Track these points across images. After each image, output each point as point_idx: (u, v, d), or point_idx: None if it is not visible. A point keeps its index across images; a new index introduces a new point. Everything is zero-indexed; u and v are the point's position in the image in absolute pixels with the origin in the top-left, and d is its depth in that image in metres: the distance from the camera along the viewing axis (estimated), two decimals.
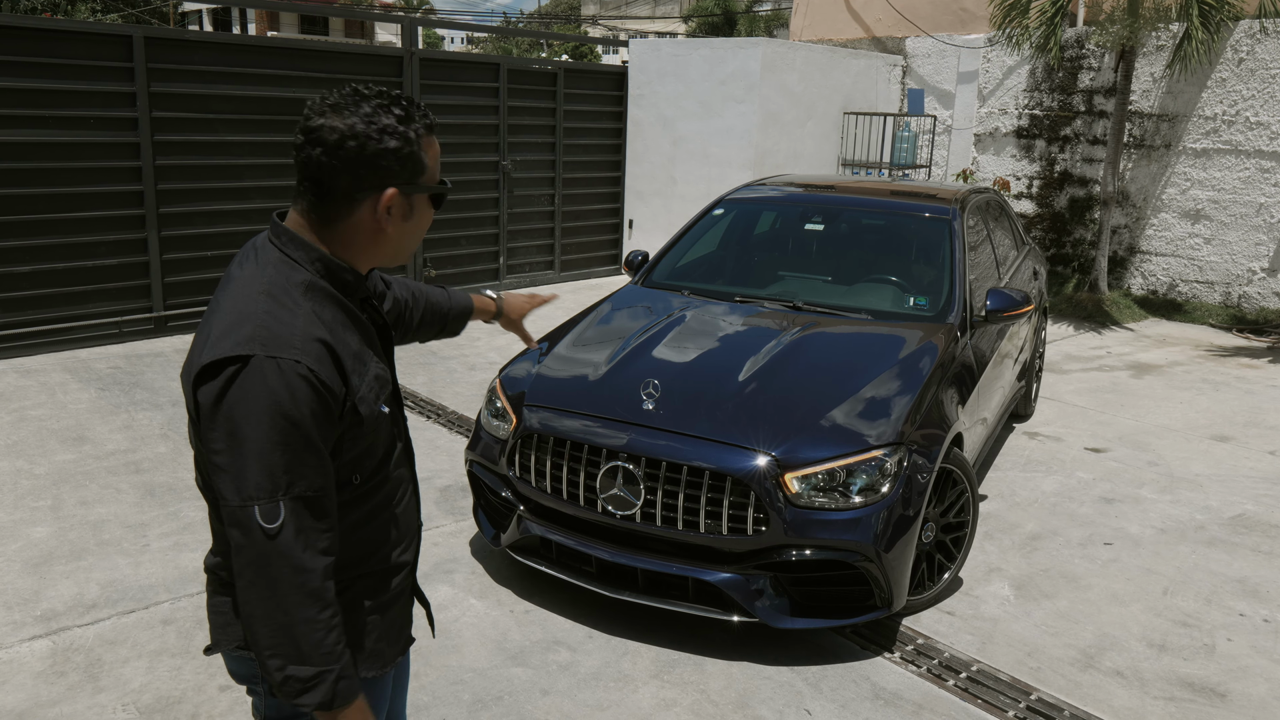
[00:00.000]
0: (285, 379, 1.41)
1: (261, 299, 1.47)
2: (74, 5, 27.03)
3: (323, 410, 1.44)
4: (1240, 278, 9.40)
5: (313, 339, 1.46)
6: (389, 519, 1.66)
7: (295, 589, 1.42)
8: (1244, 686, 3.39)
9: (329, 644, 1.44)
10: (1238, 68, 9.18)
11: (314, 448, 1.44)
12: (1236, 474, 5.41)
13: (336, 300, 1.55)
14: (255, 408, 1.40)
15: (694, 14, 31.79)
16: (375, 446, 1.60)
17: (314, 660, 1.43)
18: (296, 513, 1.42)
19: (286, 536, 1.41)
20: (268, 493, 1.40)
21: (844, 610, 3.44)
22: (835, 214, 5.36)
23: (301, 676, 1.43)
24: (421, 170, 1.54)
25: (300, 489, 1.43)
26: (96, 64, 6.80)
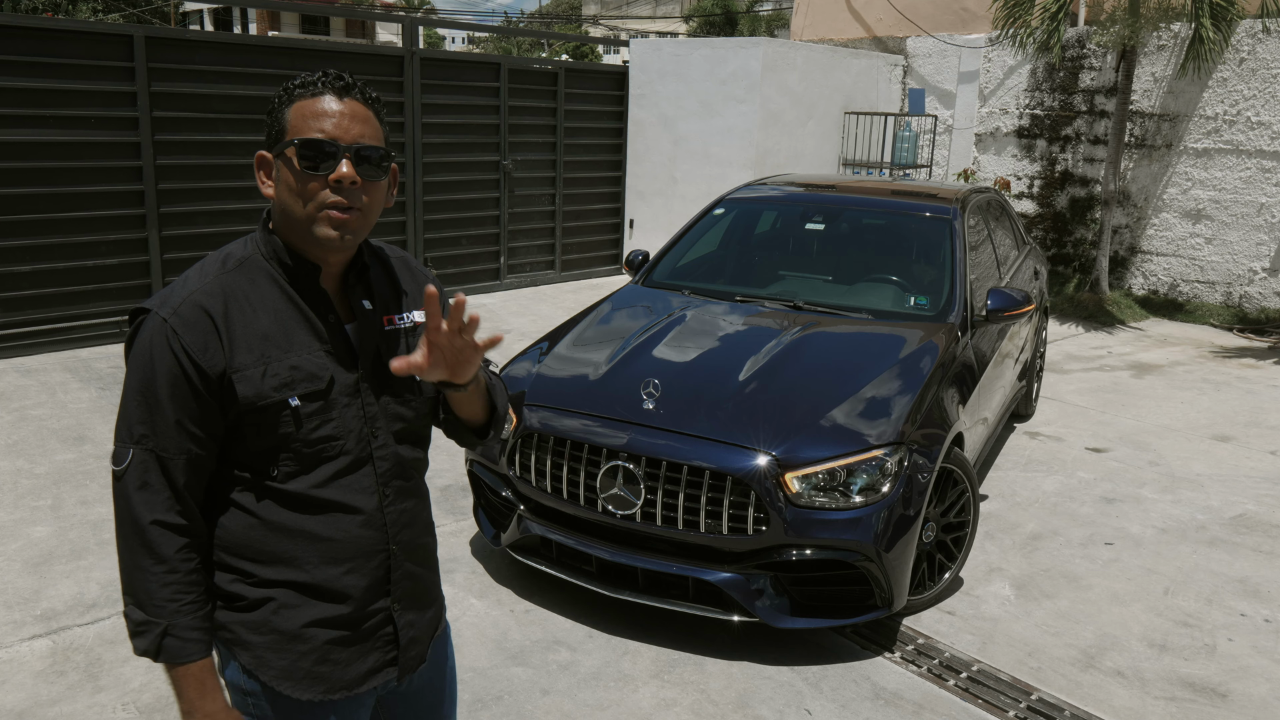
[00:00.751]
0: (151, 335, 1.49)
1: (194, 268, 1.57)
2: (75, 5, 27.04)
3: (178, 373, 1.47)
4: (1241, 278, 9.39)
5: (195, 305, 1.49)
6: (316, 533, 1.57)
7: (132, 534, 1.49)
8: (1245, 687, 3.38)
9: (161, 597, 1.48)
10: (1239, 67, 9.18)
11: (166, 408, 1.48)
12: (1237, 474, 5.40)
13: (275, 283, 1.56)
14: (135, 357, 1.50)
15: (695, 14, 31.79)
16: (294, 445, 1.53)
17: (145, 608, 1.49)
18: (143, 464, 1.48)
19: (129, 483, 1.48)
20: (121, 437, 1.50)
21: (844, 610, 3.43)
22: (836, 214, 5.35)
23: (134, 619, 1.50)
24: (282, 131, 1.53)
25: (149, 444, 1.48)
26: (97, 64, 6.80)
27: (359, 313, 1.62)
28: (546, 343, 4.31)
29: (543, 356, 4.15)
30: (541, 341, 4.36)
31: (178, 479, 1.49)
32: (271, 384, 1.51)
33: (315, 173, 1.49)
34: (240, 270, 1.54)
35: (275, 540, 1.56)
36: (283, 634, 1.58)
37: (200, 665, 1.51)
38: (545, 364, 4.06)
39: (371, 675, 1.66)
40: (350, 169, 1.50)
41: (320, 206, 1.50)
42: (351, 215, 1.52)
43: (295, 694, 1.60)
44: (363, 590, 1.62)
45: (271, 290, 1.54)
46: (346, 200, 1.51)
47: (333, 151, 1.49)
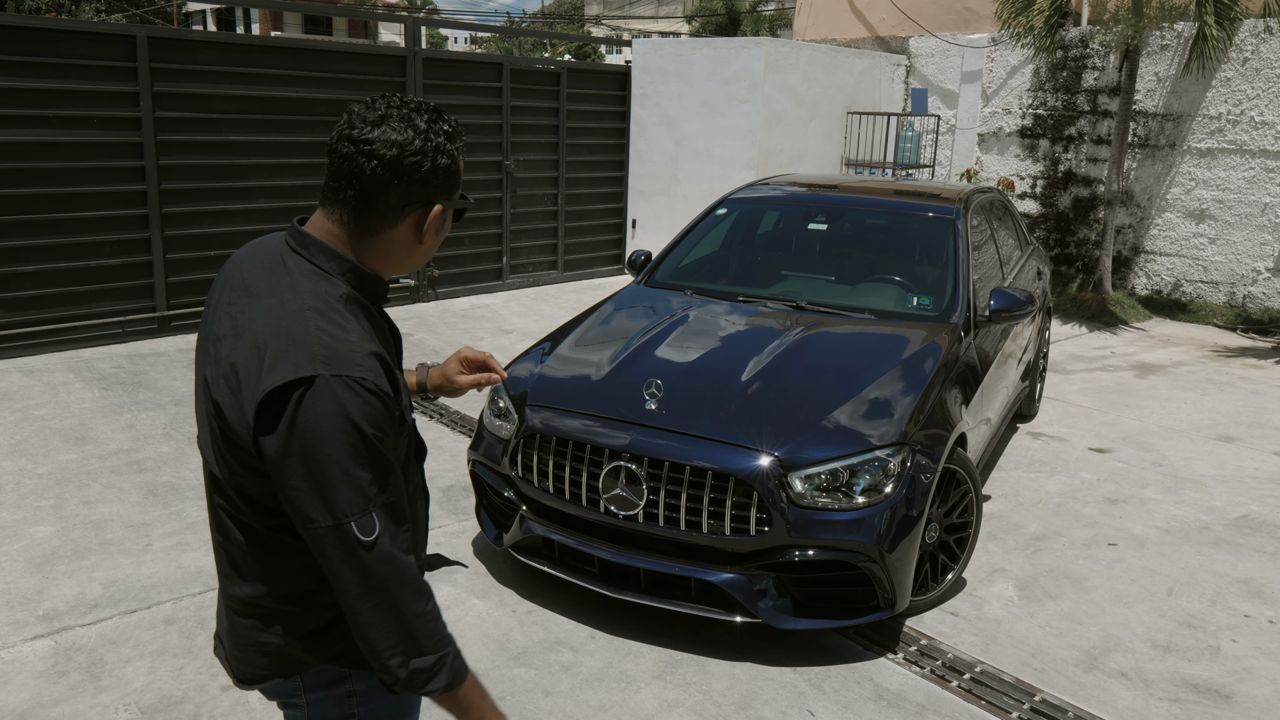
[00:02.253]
0: (356, 395, 1.41)
1: (310, 316, 1.45)
2: (78, 5, 27.07)
3: (390, 421, 1.46)
4: (1245, 278, 9.37)
5: (369, 353, 1.46)
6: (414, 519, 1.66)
7: (403, 589, 1.45)
8: (1249, 688, 3.37)
9: (440, 630, 1.49)
10: (1242, 67, 9.16)
11: (386, 456, 1.45)
12: (1241, 474, 5.39)
13: (367, 310, 1.55)
14: (331, 427, 1.39)
15: (697, 14, 31.79)
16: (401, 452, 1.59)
17: (431, 649, 1.47)
18: (387, 519, 1.45)
19: (384, 543, 1.43)
20: (360, 507, 1.42)
21: (847, 611, 3.43)
22: (839, 214, 5.35)
23: (425, 667, 1.47)
24: (458, 185, 1.57)
25: (386, 497, 1.45)
26: (100, 64, 6.81)
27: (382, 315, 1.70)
28: (549, 343, 4.31)
29: (545, 357, 4.14)
30: (544, 342, 4.36)
31: (408, 513, 1.52)
32: (409, 406, 1.59)
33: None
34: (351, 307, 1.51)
35: None
36: None
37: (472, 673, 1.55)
38: (547, 364, 4.06)
39: None
40: None
41: None
42: None
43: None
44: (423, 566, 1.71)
45: (367, 320, 1.54)
46: None
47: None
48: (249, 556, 1.56)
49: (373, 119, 1.48)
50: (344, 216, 1.52)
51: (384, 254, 1.55)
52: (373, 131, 1.47)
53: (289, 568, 1.55)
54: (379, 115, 1.48)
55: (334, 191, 1.51)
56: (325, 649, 1.61)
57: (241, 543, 1.56)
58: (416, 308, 8.80)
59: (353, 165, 1.47)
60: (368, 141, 1.46)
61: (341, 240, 1.53)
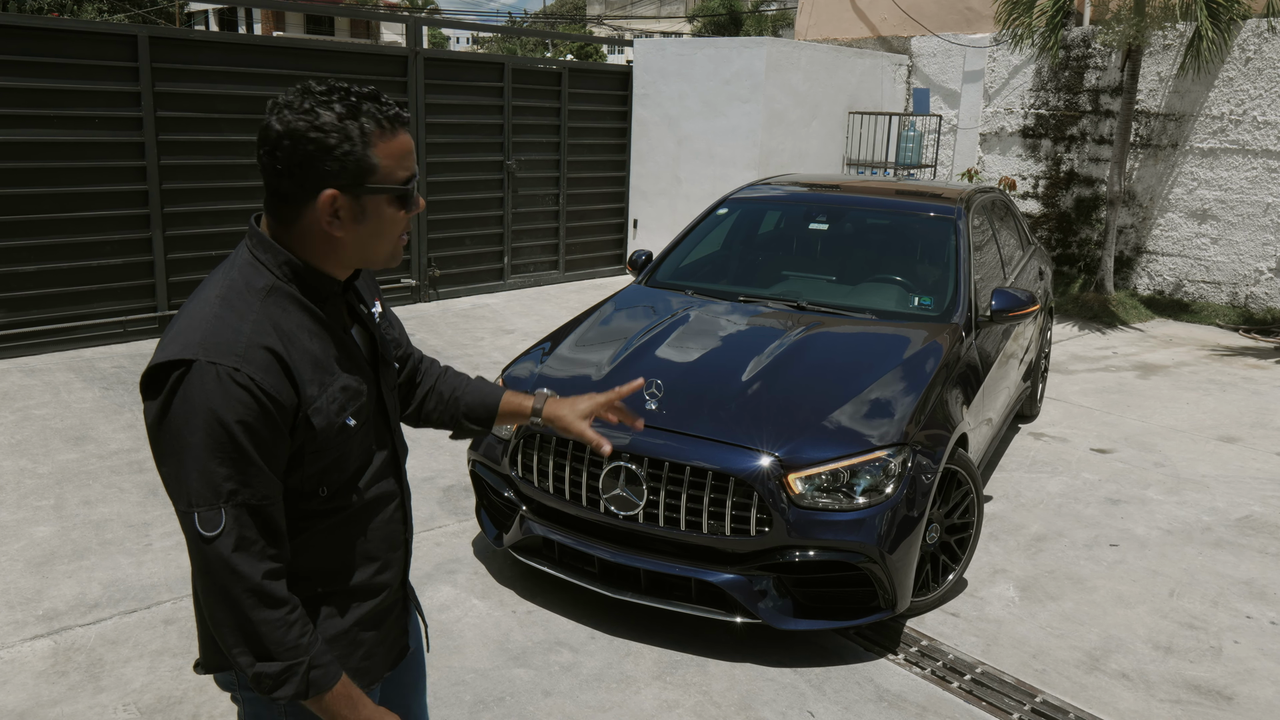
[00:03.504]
0: (224, 386, 1.37)
1: (215, 303, 1.44)
2: (80, 5, 27.10)
3: (264, 420, 1.40)
4: (1247, 278, 9.36)
5: (258, 346, 1.41)
6: (361, 536, 1.60)
7: (243, 593, 1.41)
8: (1251, 689, 3.36)
9: (290, 639, 1.44)
10: (1245, 67, 9.14)
11: (254, 455, 1.41)
12: (1243, 475, 5.38)
13: (303, 306, 1.50)
14: (195, 414, 1.38)
15: (699, 14, 31.79)
16: (344, 460, 1.55)
17: (280, 656, 1.43)
18: (239, 520, 1.40)
19: (226, 544, 1.40)
20: (207, 500, 1.39)
21: (848, 612, 3.42)
22: (840, 213, 5.34)
23: (270, 673, 1.44)
24: (369, 170, 1.45)
25: (242, 497, 1.40)
26: (101, 64, 6.81)
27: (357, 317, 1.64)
28: (549, 343, 4.30)
29: (545, 357, 4.14)
30: (544, 342, 4.36)
31: (276, 521, 1.46)
32: (334, 409, 1.50)
33: (407, 213, 1.52)
34: (274, 300, 1.48)
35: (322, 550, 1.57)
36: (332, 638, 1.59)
37: (342, 683, 1.50)
38: (548, 364, 4.05)
39: (394, 660, 1.74)
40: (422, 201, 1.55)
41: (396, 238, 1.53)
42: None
43: None
44: (390, 582, 1.67)
45: (301, 315, 1.50)
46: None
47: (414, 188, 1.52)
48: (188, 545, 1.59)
49: (273, 105, 1.45)
50: (265, 209, 1.52)
51: (307, 247, 1.50)
52: (268, 117, 1.44)
53: None
54: (281, 101, 1.45)
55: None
56: None
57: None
58: (417, 308, 8.80)
59: (257, 155, 1.47)
60: (262, 129, 1.44)
61: (272, 233, 1.51)
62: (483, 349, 7.38)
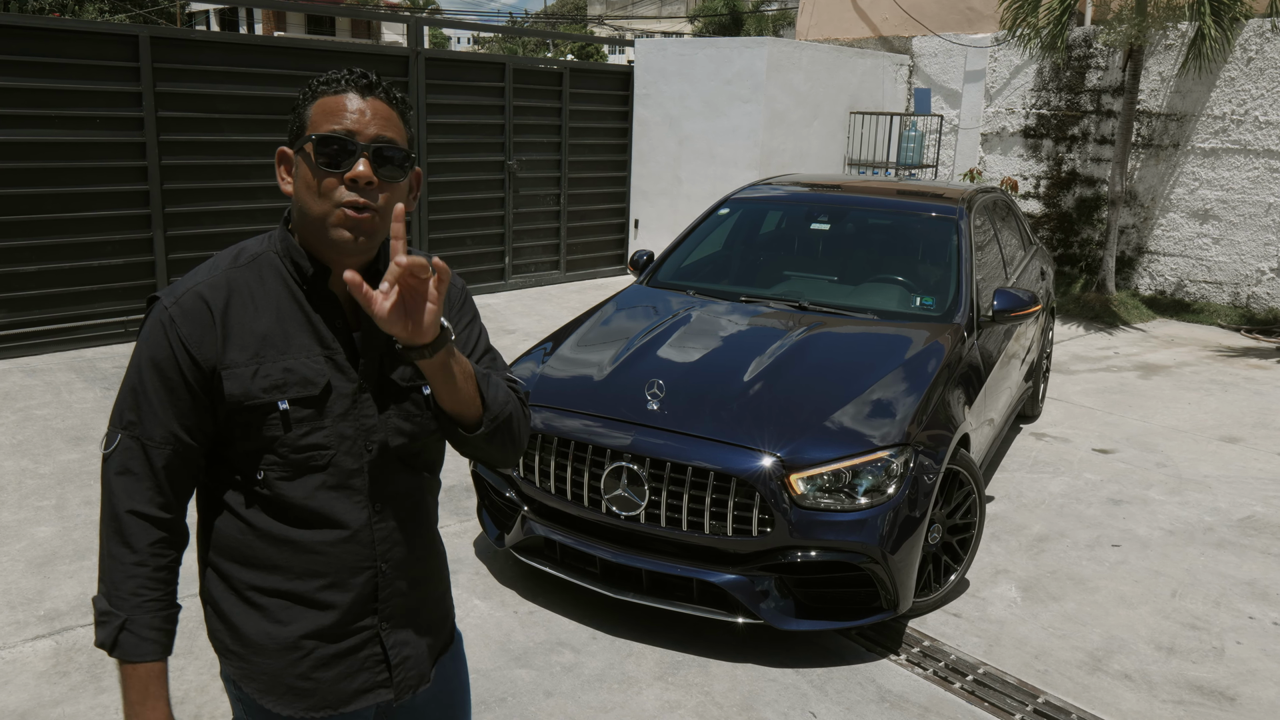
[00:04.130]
0: (151, 320, 1.49)
1: (209, 259, 1.56)
2: (81, 5, 27.10)
3: (170, 363, 1.46)
4: (1249, 278, 9.35)
5: (196, 295, 1.48)
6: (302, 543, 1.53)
7: (109, 519, 1.48)
8: (1253, 690, 3.36)
9: (126, 589, 1.46)
10: (1247, 66, 9.14)
11: (154, 396, 1.47)
12: (1245, 475, 5.37)
13: (284, 281, 1.52)
14: (137, 342, 1.51)
15: (700, 14, 31.77)
16: (281, 450, 1.49)
17: (111, 598, 1.46)
18: (126, 450, 1.48)
19: (111, 468, 1.48)
20: (113, 420, 1.50)
21: (849, 612, 3.41)
22: (841, 214, 5.33)
23: (99, 608, 1.47)
24: (303, 125, 1.48)
25: (135, 431, 1.47)
26: (102, 64, 6.81)
27: (366, 320, 1.54)
28: (550, 343, 4.30)
29: (547, 357, 4.13)
30: (545, 342, 4.35)
31: (160, 470, 1.48)
32: (261, 384, 1.47)
33: (333, 170, 1.44)
34: (251, 266, 1.52)
35: (260, 546, 1.53)
36: (268, 645, 1.54)
37: (149, 668, 1.47)
38: (549, 364, 4.05)
39: (360, 695, 1.60)
40: (367, 168, 1.44)
41: (336, 205, 1.44)
42: (366, 216, 1.45)
43: (277, 709, 1.56)
44: (346, 605, 1.56)
45: (279, 289, 1.50)
46: (363, 199, 1.44)
47: (351, 149, 1.44)
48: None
49: None
50: None
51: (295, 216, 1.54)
52: None
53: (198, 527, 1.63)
54: None
55: None
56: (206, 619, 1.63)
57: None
58: None
59: None
60: None
61: None
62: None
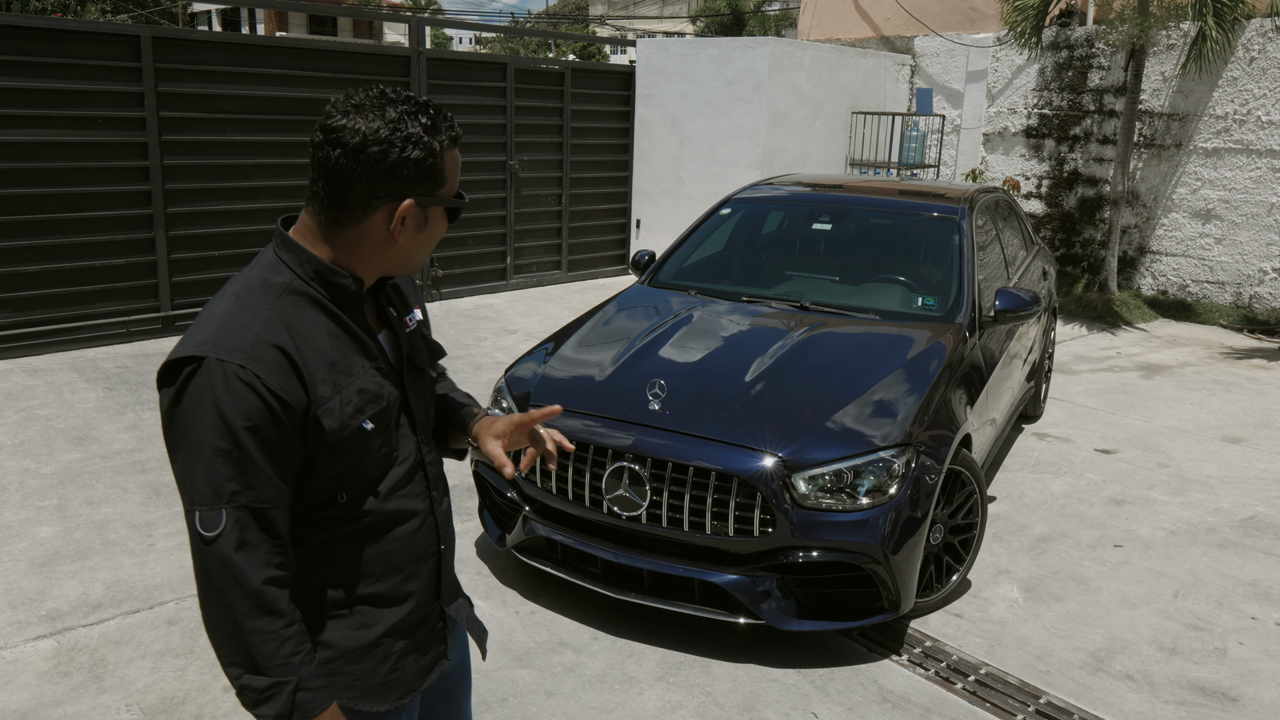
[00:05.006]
0: (229, 384, 1.37)
1: (229, 301, 1.45)
2: (84, 5, 27.11)
3: (270, 420, 1.38)
4: (1251, 278, 9.34)
5: (267, 344, 1.40)
6: (383, 545, 1.58)
7: (240, 599, 1.38)
8: (1256, 691, 3.35)
9: (282, 655, 1.40)
10: (1249, 66, 9.12)
11: (259, 457, 1.39)
12: (1248, 476, 5.36)
13: (322, 306, 1.49)
14: (202, 411, 1.37)
15: (702, 14, 31.77)
16: (363, 466, 1.52)
17: (269, 671, 1.39)
18: (240, 523, 1.38)
19: (226, 546, 1.38)
20: (208, 500, 1.37)
21: (851, 612, 3.41)
22: (843, 214, 5.33)
23: (256, 687, 1.40)
24: (441, 183, 1.49)
25: (245, 499, 1.38)
26: (104, 64, 6.81)
27: (386, 321, 1.62)
28: (552, 343, 4.30)
29: (548, 357, 4.13)
30: (547, 342, 4.35)
31: (279, 527, 1.43)
32: (348, 412, 1.48)
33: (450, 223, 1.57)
34: (287, 299, 1.47)
35: (342, 561, 1.55)
36: (358, 649, 1.57)
37: (330, 712, 1.46)
38: (551, 365, 4.05)
39: (429, 672, 1.70)
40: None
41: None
42: None
43: (373, 708, 1.60)
44: (420, 594, 1.64)
45: (319, 315, 1.49)
46: None
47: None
48: None
49: (346, 108, 1.45)
50: (317, 208, 1.49)
51: (356, 249, 1.50)
52: (342, 120, 1.43)
53: None
54: (353, 105, 1.45)
55: (311, 183, 1.49)
56: None
57: None
58: None
59: (321, 154, 1.44)
60: (335, 130, 1.43)
61: (314, 233, 1.50)
62: (485, 349, 7.38)
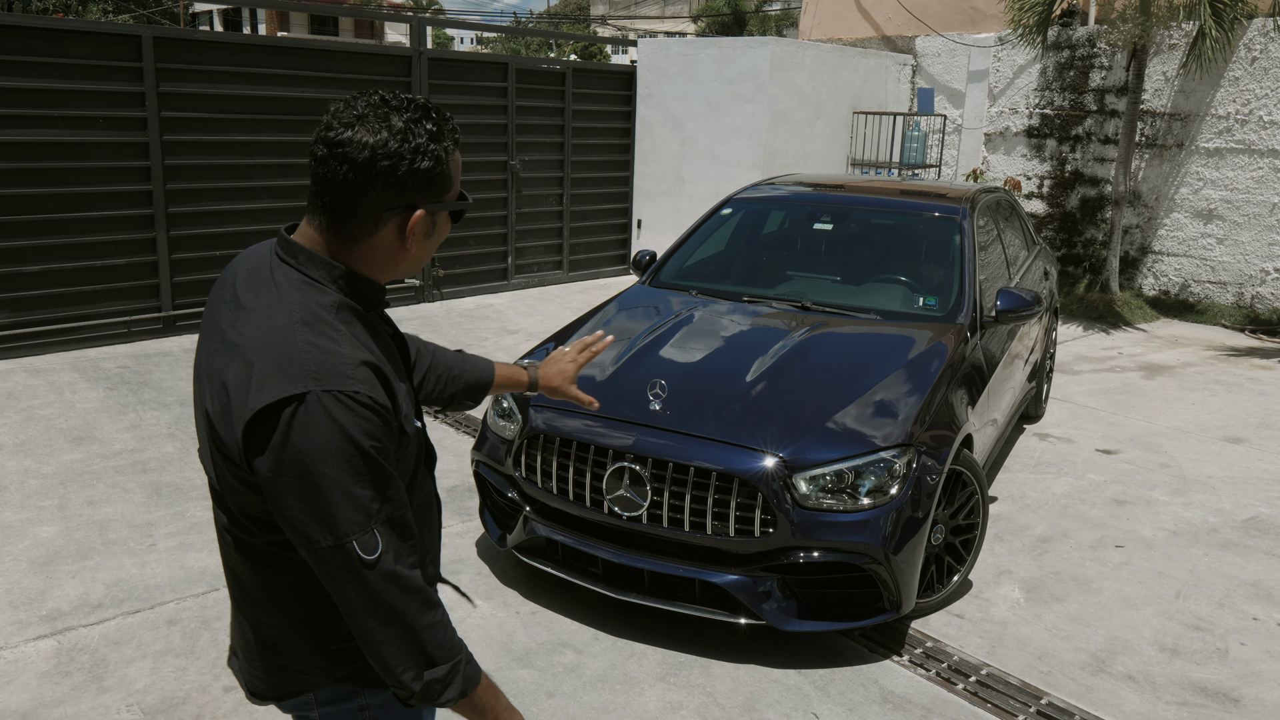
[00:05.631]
0: (349, 410, 1.34)
1: (299, 330, 1.38)
2: (85, 6, 27.14)
3: (388, 433, 1.40)
4: (1253, 278, 9.33)
5: (361, 364, 1.39)
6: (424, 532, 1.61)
7: (410, 603, 1.41)
8: (1257, 691, 3.35)
9: (450, 639, 1.46)
10: (1251, 66, 9.11)
11: (388, 469, 1.40)
12: (1249, 476, 5.36)
13: (362, 317, 1.48)
14: (326, 445, 1.33)
15: (703, 14, 31.78)
16: (408, 463, 1.55)
17: (443, 658, 1.44)
18: (391, 536, 1.40)
19: (387, 561, 1.39)
20: (360, 525, 1.36)
21: (852, 613, 3.41)
22: (844, 214, 5.33)
23: (439, 678, 1.44)
24: (449, 188, 1.48)
25: (387, 512, 1.39)
26: (106, 64, 6.82)
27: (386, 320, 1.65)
28: (553, 343, 4.30)
29: None
30: (548, 342, 4.35)
31: (412, 526, 1.45)
32: (410, 414, 1.52)
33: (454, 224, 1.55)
34: (343, 316, 1.44)
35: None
36: None
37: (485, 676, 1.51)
38: None
39: None
40: None
41: None
42: None
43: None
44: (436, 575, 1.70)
45: (362, 327, 1.48)
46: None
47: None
48: (254, 574, 1.52)
49: (348, 119, 1.40)
50: (324, 223, 1.45)
51: (370, 261, 1.47)
52: (346, 133, 1.38)
53: (294, 584, 1.50)
54: (355, 115, 1.40)
55: (314, 197, 1.44)
56: (338, 668, 1.57)
57: (247, 560, 1.51)
58: (421, 308, 8.80)
59: (327, 170, 1.39)
60: (340, 144, 1.38)
61: (323, 247, 1.46)
62: (487, 349, 7.38)
